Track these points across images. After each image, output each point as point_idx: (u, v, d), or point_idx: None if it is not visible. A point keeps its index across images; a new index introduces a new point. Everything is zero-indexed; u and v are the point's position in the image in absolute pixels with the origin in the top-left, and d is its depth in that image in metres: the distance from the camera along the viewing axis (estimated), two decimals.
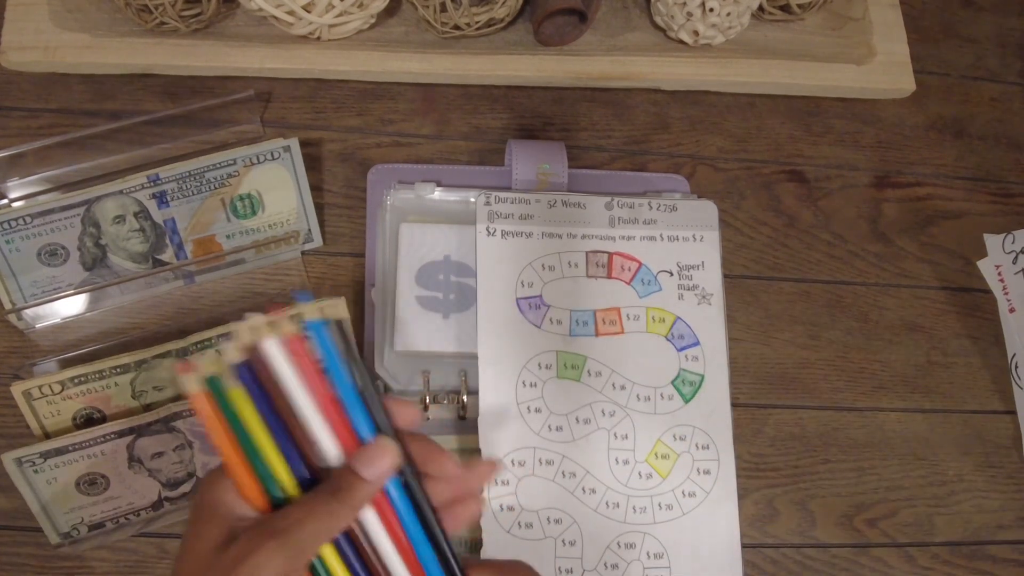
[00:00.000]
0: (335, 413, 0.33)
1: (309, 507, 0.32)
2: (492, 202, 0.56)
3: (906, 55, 0.67)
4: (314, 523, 0.31)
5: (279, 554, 0.30)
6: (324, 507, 0.32)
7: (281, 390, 0.32)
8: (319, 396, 0.32)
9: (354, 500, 0.32)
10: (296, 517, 0.31)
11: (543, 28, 0.61)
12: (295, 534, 0.31)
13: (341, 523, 0.32)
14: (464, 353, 0.53)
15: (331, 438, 0.32)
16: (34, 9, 0.58)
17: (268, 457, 0.32)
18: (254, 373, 0.31)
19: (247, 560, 0.30)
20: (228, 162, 0.53)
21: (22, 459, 0.47)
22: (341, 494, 0.32)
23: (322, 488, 0.32)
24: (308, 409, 0.32)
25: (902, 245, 0.64)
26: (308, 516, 0.31)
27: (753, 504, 0.56)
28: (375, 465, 0.32)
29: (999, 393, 0.61)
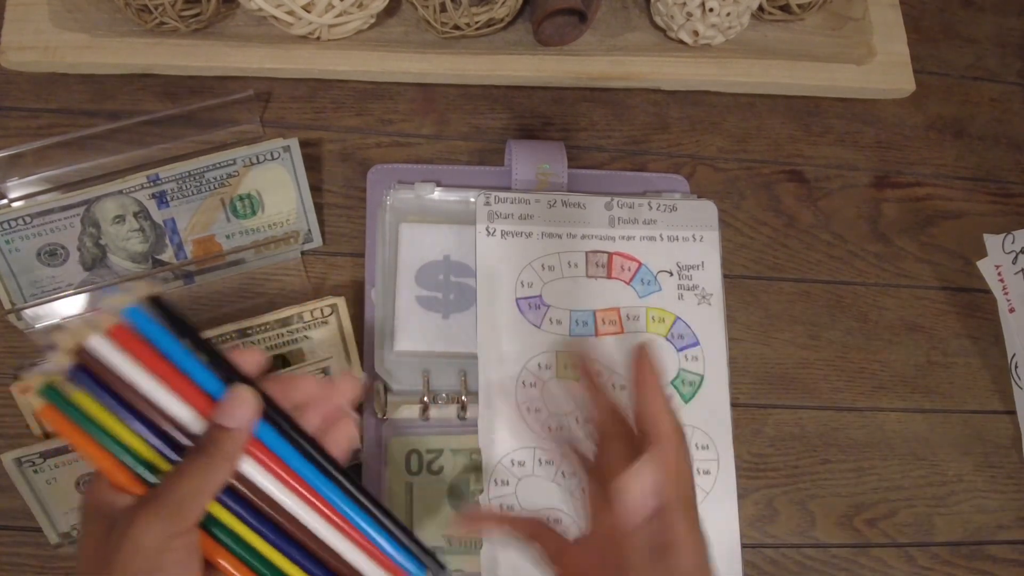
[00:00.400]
0: (184, 384, 0.33)
1: (179, 470, 0.32)
2: (492, 202, 0.56)
3: (906, 55, 0.67)
4: (186, 482, 0.31)
5: (155, 519, 0.30)
6: (193, 466, 0.32)
7: (122, 380, 0.32)
8: (160, 373, 0.32)
9: (223, 451, 0.32)
10: (167, 482, 0.31)
11: (543, 28, 0.61)
12: (167, 497, 0.31)
13: (216, 476, 0.32)
14: (464, 353, 0.53)
15: (186, 407, 0.33)
16: (34, 9, 0.58)
17: (128, 443, 0.32)
18: (90, 373, 0.32)
19: (126, 536, 0.30)
20: (228, 162, 0.53)
21: (22, 459, 0.47)
22: (208, 448, 0.32)
23: (191, 450, 0.32)
24: (152, 388, 0.32)
25: (902, 245, 0.64)
26: (179, 478, 0.31)
27: (753, 504, 0.56)
28: (235, 413, 0.32)
29: (999, 393, 0.61)
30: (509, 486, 0.51)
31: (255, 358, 0.35)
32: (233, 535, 0.33)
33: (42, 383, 0.31)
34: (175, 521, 0.31)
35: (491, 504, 0.51)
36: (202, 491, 0.32)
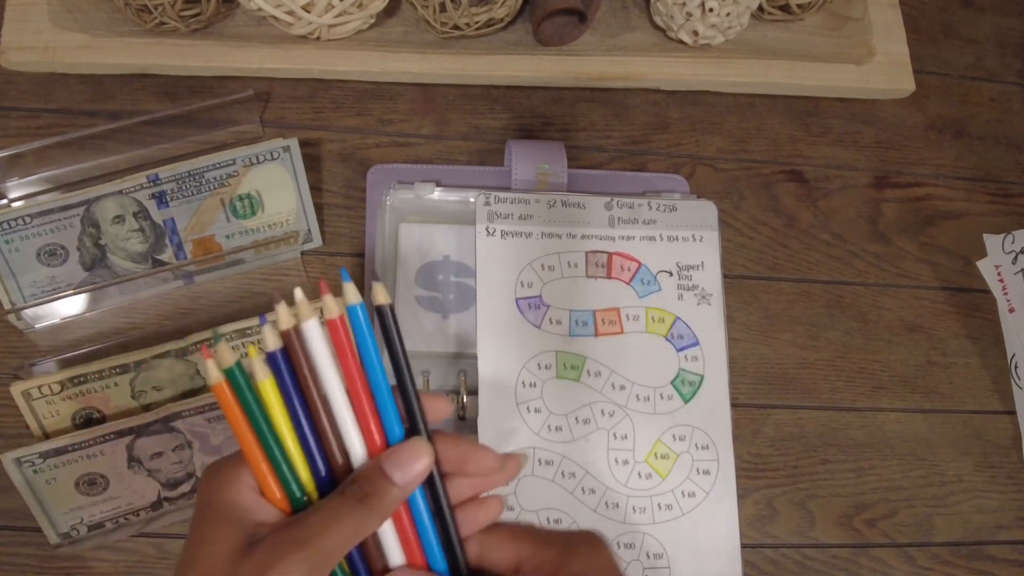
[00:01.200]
0: (367, 406, 0.30)
1: (336, 513, 0.29)
2: (492, 202, 0.56)
3: (906, 55, 0.67)
4: (340, 532, 0.29)
5: (303, 565, 0.28)
6: (351, 514, 0.29)
7: (313, 377, 0.29)
8: (353, 386, 0.30)
9: (383, 506, 0.30)
10: (322, 525, 0.29)
11: (543, 28, 0.61)
12: (320, 543, 0.28)
13: (366, 529, 0.30)
14: (464, 353, 0.53)
15: (358, 434, 0.30)
16: (33, 9, 0.58)
17: (291, 454, 0.30)
18: (288, 361, 0.29)
19: (269, 572, 0.27)
20: (227, 162, 0.53)
21: (21, 459, 0.47)
22: (370, 500, 0.29)
23: (349, 491, 0.30)
24: (340, 399, 0.30)
25: (902, 245, 0.64)
26: (334, 524, 0.29)
27: (753, 504, 0.56)
28: (408, 469, 0.30)
29: (999, 393, 0.61)
30: (509, 486, 0.51)
31: (442, 408, 0.33)
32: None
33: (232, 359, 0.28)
34: (320, 569, 0.28)
35: None
36: (348, 544, 0.29)
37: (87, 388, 0.49)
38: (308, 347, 0.29)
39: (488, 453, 0.33)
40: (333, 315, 0.29)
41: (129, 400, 0.50)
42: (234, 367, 0.28)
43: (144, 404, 0.50)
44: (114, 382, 0.49)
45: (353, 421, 0.30)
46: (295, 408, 0.29)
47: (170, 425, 0.49)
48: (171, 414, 0.49)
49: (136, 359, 0.49)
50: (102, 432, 0.48)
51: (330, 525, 0.29)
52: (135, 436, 0.48)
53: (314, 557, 0.28)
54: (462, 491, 0.33)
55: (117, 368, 0.49)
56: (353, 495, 0.30)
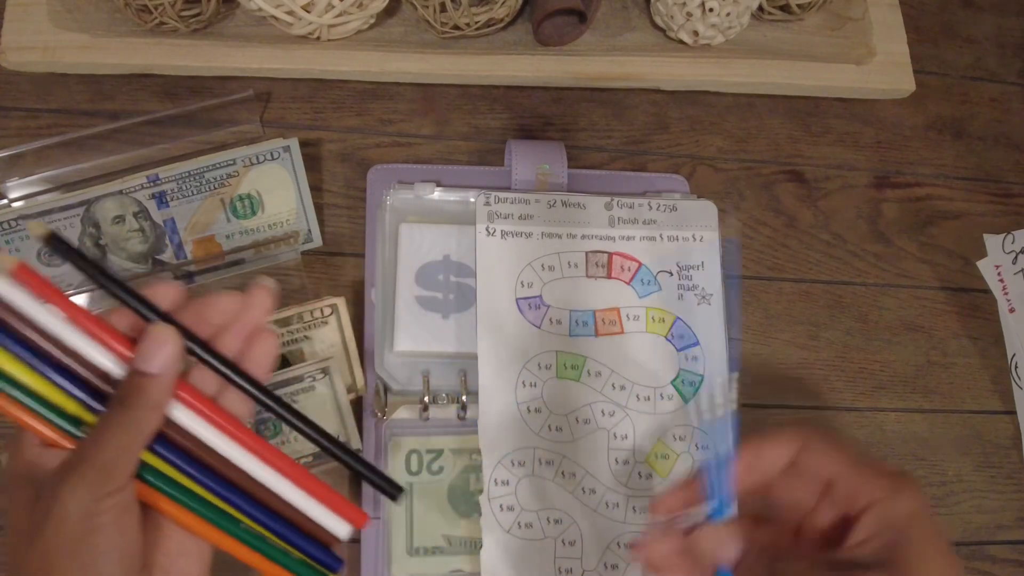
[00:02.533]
0: (98, 328, 0.31)
1: (103, 426, 0.30)
2: (492, 202, 0.56)
3: (906, 55, 0.67)
4: (111, 440, 0.29)
5: (80, 484, 0.28)
6: (116, 421, 0.30)
7: (33, 325, 0.30)
8: (71, 313, 0.30)
9: (148, 400, 0.30)
10: (92, 443, 0.29)
11: (543, 28, 0.61)
12: (91, 459, 0.29)
13: (143, 429, 0.30)
14: (464, 353, 0.53)
15: (101, 349, 0.31)
16: (33, 9, 0.58)
17: (47, 395, 0.30)
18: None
19: (52, 505, 0.28)
20: (227, 162, 0.53)
21: None
22: (130, 399, 0.30)
23: (112, 401, 0.30)
24: (66, 332, 0.30)
25: (902, 245, 0.64)
26: (103, 435, 0.29)
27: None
28: (155, 355, 0.30)
29: (999, 393, 0.61)
30: (509, 486, 0.51)
31: (171, 291, 0.33)
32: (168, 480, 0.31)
33: None
34: (103, 484, 0.29)
35: (490, 504, 0.51)
36: (129, 448, 0.30)
37: None
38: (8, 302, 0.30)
39: (224, 295, 0.34)
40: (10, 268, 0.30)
41: None
42: None
43: None
44: None
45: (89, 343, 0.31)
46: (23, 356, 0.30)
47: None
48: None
49: None
50: None
51: (100, 439, 0.29)
52: None
53: (89, 473, 0.29)
54: (230, 345, 0.34)
55: None
56: (115, 402, 0.30)
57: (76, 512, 0.28)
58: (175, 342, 0.31)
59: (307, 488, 0.34)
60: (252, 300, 0.34)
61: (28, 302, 0.30)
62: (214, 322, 0.33)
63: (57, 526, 0.28)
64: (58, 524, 0.28)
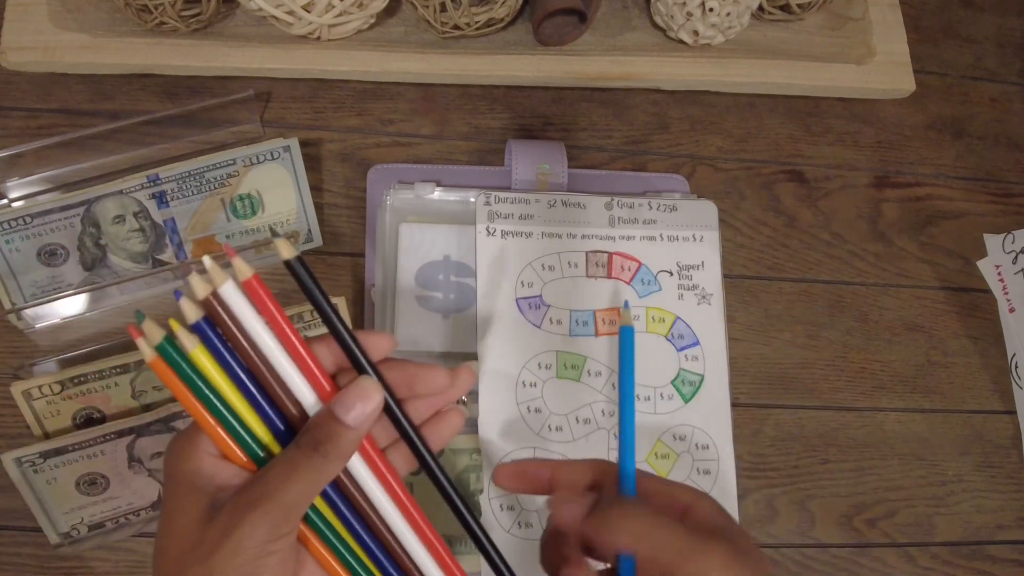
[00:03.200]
0: (305, 355, 0.31)
1: (291, 466, 0.30)
2: (492, 202, 0.56)
3: (906, 55, 0.67)
4: (298, 483, 0.29)
5: (264, 522, 0.28)
6: (307, 463, 0.29)
7: (245, 336, 0.30)
8: (286, 338, 0.30)
9: (339, 451, 0.30)
10: (278, 480, 0.29)
11: (543, 28, 0.61)
12: (278, 498, 0.29)
13: (327, 477, 0.30)
14: (464, 353, 0.53)
15: (305, 382, 0.31)
16: (33, 9, 0.58)
17: (242, 414, 0.30)
18: (213, 326, 0.29)
19: (232, 534, 0.28)
20: (228, 162, 0.53)
21: (22, 459, 0.47)
22: (324, 446, 0.30)
23: (303, 441, 0.30)
24: (277, 352, 0.30)
25: (902, 245, 0.64)
26: (291, 476, 0.29)
27: (753, 504, 0.56)
28: (357, 408, 0.30)
29: (999, 393, 0.61)
30: None
31: (384, 344, 0.33)
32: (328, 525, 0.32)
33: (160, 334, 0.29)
34: (282, 525, 0.29)
35: (490, 503, 0.51)
36: (311, 494, 0.30)
37: (87, 388, 0.49)
38: (230, 309, 0.30)
39: (436, 370, 0.34)
40: (246, 276, 0.30)
41: (129, 400, 0.50)
42: (163, 342, 0.29)
43: (144, 404, 0.50)
44: (114, 382, 0.49)
45: (295, 370, 0.30)
46: (232, 368, 0.30)
47: (170, 425, 0.49)
48: (171, 414, 0.49)
49: (136, 359, 0.49)
50: (102, 432, 0.48)
51: (287, 478, 0.29)
52: (135, 436, 0.48)
53: (273, 512, 0.29)
54: (420, 412, 0.34)
55: (117, 368, 0.49)
56: (307, 444, 0.30)
57: (253, 546, 0.28)
58: (379, 400, 0.31)
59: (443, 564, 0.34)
60: (458, 383, 0.35)
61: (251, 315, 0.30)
62: (416, 391, 0.34)
63: (232, 553, 0.28)
64: (233, 552, 0.28)
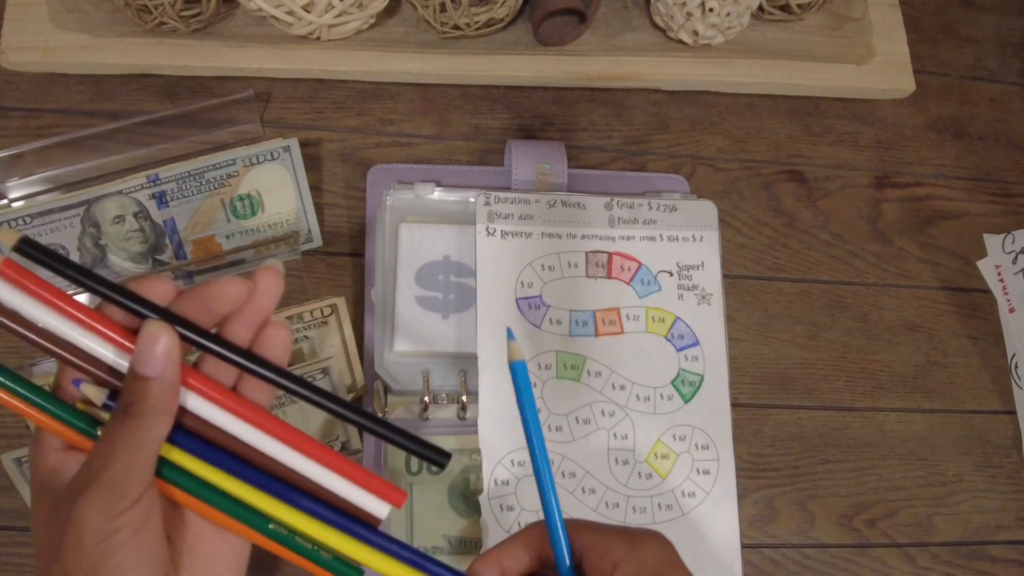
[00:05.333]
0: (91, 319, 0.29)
1: (110, 438, 0.28)
2: (492, 202, 0.56)
3: (906, 55, 0.67)
4: (122, 454, 0.28)
5: (94, 504, 0.27)
6: (122, 430, 0.28)
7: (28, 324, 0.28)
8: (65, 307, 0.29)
9: (150, 406, 0.28)
10: (101, 456, 0.28)
11: (543, 28, 0.61)
12: (103, 476, 0.27)
13: (153, 435, 0.28)
14: (464, 353, 0.53)
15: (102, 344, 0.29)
16: (33, 9, 0.58)
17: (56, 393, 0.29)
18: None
19: (68, 525, 0.27)
20: (227, 162, 0.53)
21: (22, 459, 0.47)
22: (133, 407, 0.28)
23: (116, 409, 0.29)
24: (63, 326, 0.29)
25: (902, 245, 0.64)
26: (111, 449, 0.28)
27: (753, 504, 0.56)
28: (150, 356, 0.28)
29: (999, 393, 0.61)
30: (509, 486, 0.51)
31: (162, 285, 0.30)
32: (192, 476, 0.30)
33: None
34: (116, 502, 0.27)
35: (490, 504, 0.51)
36: (139, 460, 0.28)
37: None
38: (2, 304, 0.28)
39: (227, 280, 0.31)
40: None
41: None
42: None
43: None
44: None
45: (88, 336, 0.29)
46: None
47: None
48: None
49: None
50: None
51: (108, 452, 0.28)
52: None
53: (102, 491, 0.27)
54: (240, 332, 0.31)
55: None
56: (120, 411, 0.29)
57: (92, 530, 0.27)
58: (169, 337, 0.29)
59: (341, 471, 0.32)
60: (259, 286, 0.31)
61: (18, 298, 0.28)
62: (218, 311, 0.31)
63: (74, 546, 0.27)
64: (75, 544, 0.27)
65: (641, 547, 0.33)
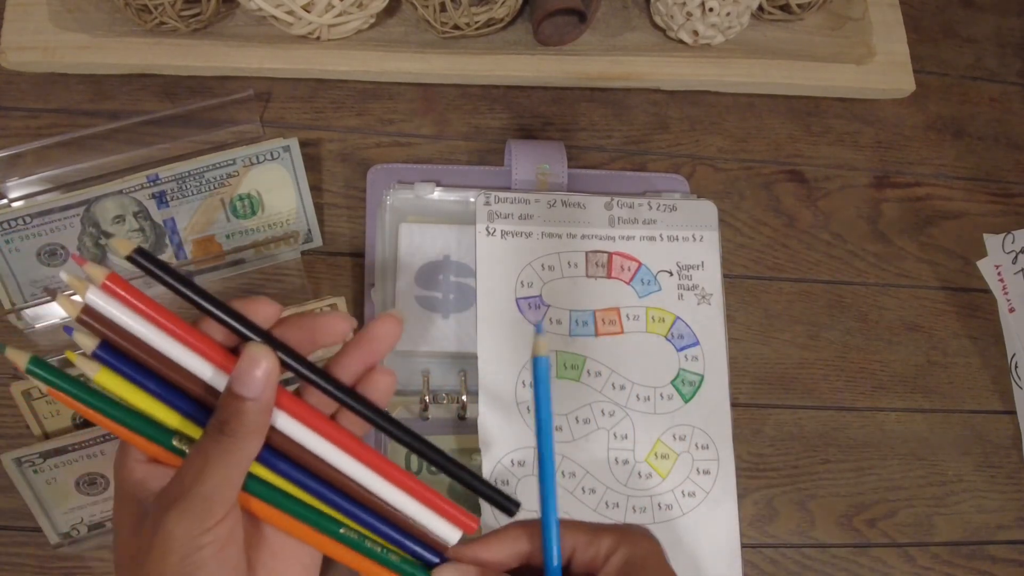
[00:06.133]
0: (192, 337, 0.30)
1: (202, 454, 0.29)
2: (492, 202, 0.56)
3: (906, 55, 0.67)
4: (214, 471, 0.28)
5: (184, 518, 0.28)
6: (216, 447, 0.29)
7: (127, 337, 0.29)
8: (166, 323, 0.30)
9: (244, 426, 0.29)
10: (192, 471, 0.29)
11: (543, 28, 0.61)
12: (195, 491, 0.28)
13: (243, 455, 0.29)
14: (464, 353, 0.53)
15: (201, 361, 0.30)
16: (34, 9, 0.58)
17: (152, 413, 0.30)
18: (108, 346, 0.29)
19: (156, 538, 0.28)
20: (227, 162, 0.53)
21: (22, 459, 0.47)
22: (228, 426, 0.29)
23: (211, 427, 0.29)
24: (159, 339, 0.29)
25: (902, 245, 0.64)
26: (204, 466, 0.28)
27: (753, 504, 0.56)
28: (250, 378, 0.29)
29: (999, 393, 0.61)
30: (509, 486, 0.51)
31: (267, 309, 0.31)
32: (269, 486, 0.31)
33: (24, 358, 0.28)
34: (205, 518, 0.28)
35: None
36: (230, 478, 0.29)
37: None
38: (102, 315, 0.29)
39: (333, 316, 0.32)
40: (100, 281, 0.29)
41: None
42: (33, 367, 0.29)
43: None
44: None
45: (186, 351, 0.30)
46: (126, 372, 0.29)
47: None
48: None
49: None
50: (102, 432, 0.48)
51: (200, 468, 0.28)
52: None
53: (193, 506, 0.28)
54: (350, 369, 0.32)
55: None
56: (214, 428, 0.29)
57: (180, 545, 0.28)
58: (270, 361, 0.29)
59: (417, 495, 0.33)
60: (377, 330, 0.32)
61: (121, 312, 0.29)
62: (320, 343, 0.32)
63: (161, 558, 0.28)
64: (162, 556, 0.28)
65: (631, 541, 0.34)
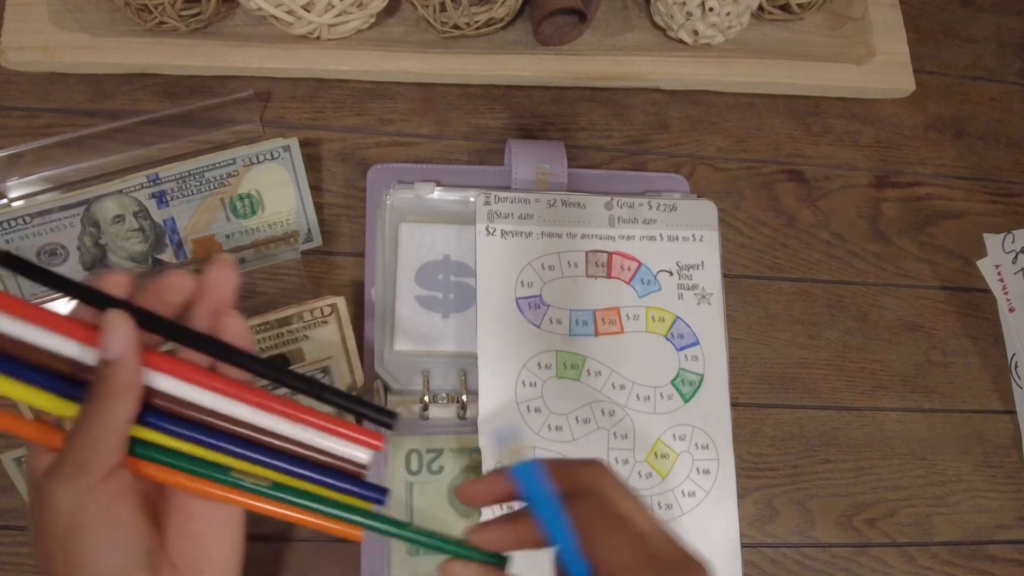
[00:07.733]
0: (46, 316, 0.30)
1: (78, 420, 0.30)
2: (492, 202, 0.56)
3: (905, 55, 0.67)
4: (85, 432, 0.29)
5: (61, 482, 0.29)
6: (89, 412, 0.30)
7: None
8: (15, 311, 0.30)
9: (110, 387, 0.30)
10: (69, 438, 0.30)
11: (543, 28, 0.61)
12: (69, 455, 0.29)
13: (116, 414, 0.30)
14: (464, 353, 0.53)
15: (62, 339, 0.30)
16: (33, 9, 0.58)
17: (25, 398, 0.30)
18: None
19: (41, 508, 0.29)
20: (227, 162, 0.53)
21: (22, 459, 0.47)
22: (97, 389, 0.30)
23: (86, 396, 0.30)
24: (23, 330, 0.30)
25: (902, 245, 0.64)
26: (77, 431, 0.29)
27: (753, 504, 0.56)
28: (111, 341, 0.30)
29: (999, 393, 0.61)
30: None
31: (120, 280, 0.32)
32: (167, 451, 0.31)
33: None
34: (82, 478, 0.29)
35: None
36: (103, 437, 0.29)
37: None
38: None
39: (173, 272, 0.33)
40: None
41: None
42: None
43: None
44: None
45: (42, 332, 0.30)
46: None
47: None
48: None
49: None
50: None
51: (74, 434, 0.29)
52: None
53: (70, 470, 0.29)
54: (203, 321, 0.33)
55: None
56: (88, 396, 0.30)
57: (64, 508, 0.28)
58: (124, 321, 0.30)
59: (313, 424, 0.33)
60: (210, 278, 0.33)
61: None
62: (168, 301, 0.32)
63: (49, 527, 0.29)
64: (49, 525, 0.29)
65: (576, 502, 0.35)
